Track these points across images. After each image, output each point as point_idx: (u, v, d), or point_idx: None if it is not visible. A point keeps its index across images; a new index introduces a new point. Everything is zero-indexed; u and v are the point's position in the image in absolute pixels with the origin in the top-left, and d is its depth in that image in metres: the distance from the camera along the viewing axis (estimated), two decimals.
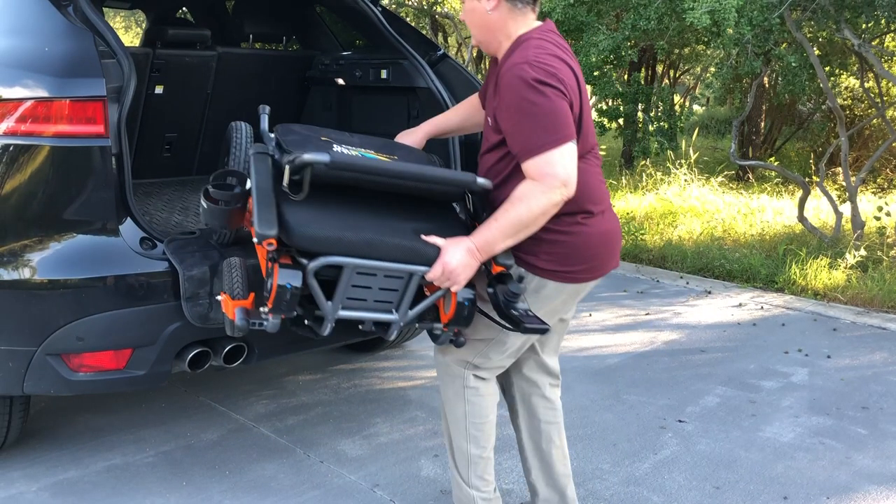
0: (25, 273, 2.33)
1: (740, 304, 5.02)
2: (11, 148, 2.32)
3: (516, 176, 2.03)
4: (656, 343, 4.27)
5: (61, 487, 2.70)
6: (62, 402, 3.33)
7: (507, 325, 2.08)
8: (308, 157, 1.94)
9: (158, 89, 3.59)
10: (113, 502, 2.62)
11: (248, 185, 2.15)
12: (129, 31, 17.76)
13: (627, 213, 7.35)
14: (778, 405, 3.48)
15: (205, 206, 2.21)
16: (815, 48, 6.44)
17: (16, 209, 2.36)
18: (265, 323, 2.02)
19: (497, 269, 2.07)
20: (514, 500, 2.67)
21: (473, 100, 2.48)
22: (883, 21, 6.09)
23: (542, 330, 2.05)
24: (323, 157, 1.93)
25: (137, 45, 3.83)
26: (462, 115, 2.51)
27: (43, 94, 2.29)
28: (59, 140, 2.29)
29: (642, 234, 6.49)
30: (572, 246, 2.10)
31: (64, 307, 2.32)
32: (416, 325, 2.19)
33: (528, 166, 1.97)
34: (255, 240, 1.96)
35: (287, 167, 1.98)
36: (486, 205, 2.14)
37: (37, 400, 3.28)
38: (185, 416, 3.25)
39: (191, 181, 3.81)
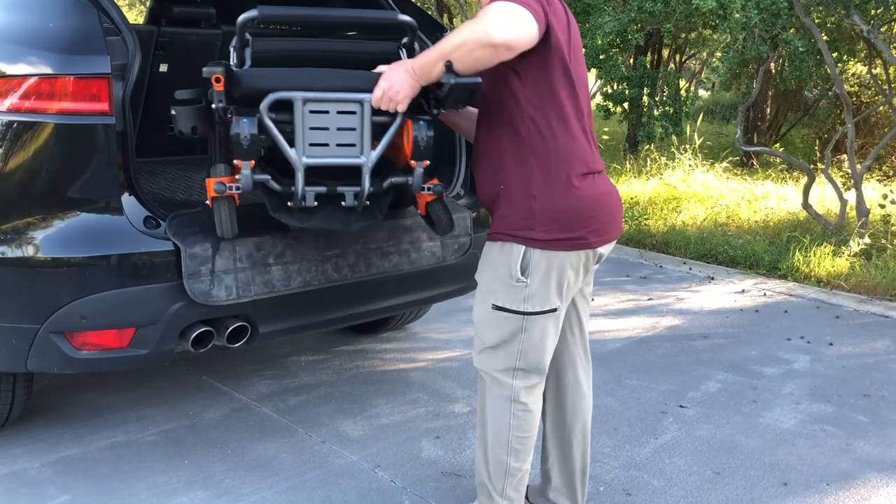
0: (29, 251, 2.32)
1: (743, 291, 5.02)
2: (15, 125, 2.31)
3: (500, 127, 2.05)
4: (658, 328, 4.27)
5: (64, 464, 2.71)
6: (65, 380, 3.34)
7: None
8: (241, 18, 2.20)
9: (163, 67, 3.58)
10: (115, 479, 2.63)
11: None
12: (133, 8, 17.65)
13: (631, 198, 7.32)
14: (779, 392, 3.48)
15: (174, 112, 2.31)
16: (823, 33, 6.39)
17: (19, 186, 2.35)
18: (240, 184, 2.19)
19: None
20: None
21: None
22: (893, 7, 6.04)
23: (473, 83, 2.03)
24: (252, 13, 2.21)
25: (142, 22, 3.81)
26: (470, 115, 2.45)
27: (47, 70, 2.28)
28: (63, 117, 2.28)
29: (646, 220, 6.48)
30: (566, 211, 2.05)
31: (67, 285, 2.32)
32: (391, 179, 2.31)
33: (486, 6, 1.93)
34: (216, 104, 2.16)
35: (233, 50, 2.26)
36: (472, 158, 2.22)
37: (40, 377, 3.30)
38: (188, 396, 3.26)
39: (194, 160, 3.81)
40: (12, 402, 2.74)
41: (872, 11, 6.06)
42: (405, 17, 2.32)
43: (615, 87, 9.32)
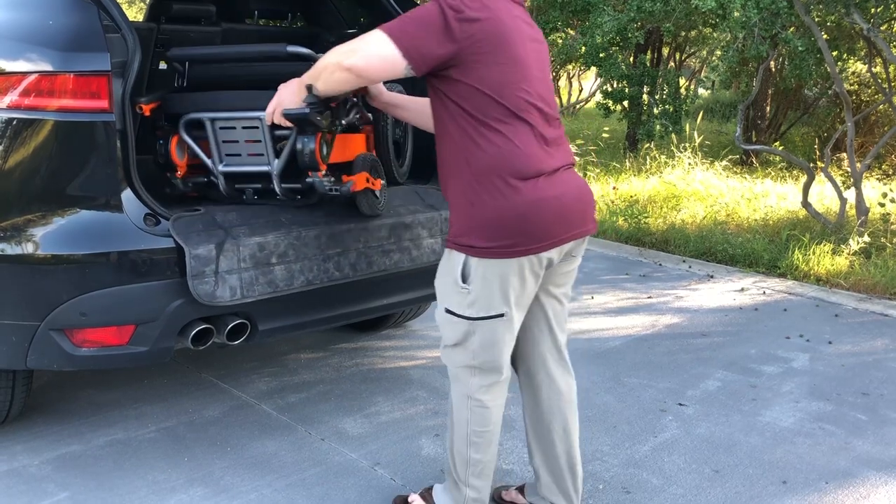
0: (29, 248, 2.33)
1: (742, 289, 5.02)
2: (15, 122, 2.31)
3: (447, 134, 2.08)
4: (658, 326, 4.28)
5: (63, 461, 2.72)
6: (65, 377, 3.34)
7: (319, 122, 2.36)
8: (167, 54, 2.79)
9: (163, 65, 3.57)
10: (115, 476, 2.64)
11: None
12: (132, 5, 17.63)
13: (631, 197, 7.33)
14: (778, 390, 3.49)
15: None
16: (822, 32, 6.39)
17: (19, 184, 2.35)
18: (174, 182, 2.71)
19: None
20: (515, 480, 2.68)
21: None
22: (893, 5, 6.04)
23: (299, 114, 2.26)
24: (169, 53, 2.76)
25: (141, 19, 3.80)
26: (423, 104, 2.41)
27: (47, 67, 2.28)
28: (62, 115, 2.29)
29: (645, 218, 6.48)
30: (499, 218, 2.01)
31: (67, 282, 2.32)
32: (306, 179, 2.56)
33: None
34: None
35: (177, 76, 2.91)
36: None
37: (39, 374, 3.30)
38: (187, 393, 3.26)
39: None
40: (12, 399, 2.74)
41: (872, 10, 6.05)
42: (295, 49, 2.57)
43: (615, 86, 9.31)
